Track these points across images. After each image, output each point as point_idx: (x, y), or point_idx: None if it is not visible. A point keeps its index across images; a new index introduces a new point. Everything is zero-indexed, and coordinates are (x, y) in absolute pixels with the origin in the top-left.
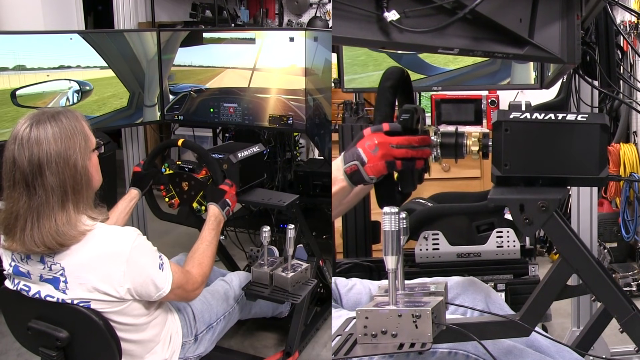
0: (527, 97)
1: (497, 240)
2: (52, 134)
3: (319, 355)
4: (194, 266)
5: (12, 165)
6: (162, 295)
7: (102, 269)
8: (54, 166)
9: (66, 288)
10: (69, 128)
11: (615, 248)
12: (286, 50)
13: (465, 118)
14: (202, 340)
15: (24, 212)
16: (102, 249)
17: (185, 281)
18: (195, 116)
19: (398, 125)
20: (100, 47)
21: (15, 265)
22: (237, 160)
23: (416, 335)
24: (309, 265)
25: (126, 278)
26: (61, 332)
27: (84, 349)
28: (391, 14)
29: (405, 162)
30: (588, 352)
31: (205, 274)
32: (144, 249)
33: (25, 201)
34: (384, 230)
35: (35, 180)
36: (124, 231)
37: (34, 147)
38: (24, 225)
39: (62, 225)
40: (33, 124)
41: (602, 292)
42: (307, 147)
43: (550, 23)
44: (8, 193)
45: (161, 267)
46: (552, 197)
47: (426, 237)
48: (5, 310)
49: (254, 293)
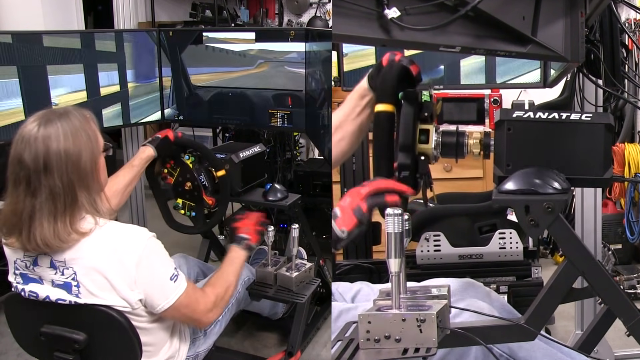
0: (531, 96)
1: (499, 241)
2: (62, 133)
3: (319, 355)
4: (207, 287)
5: (18, 163)
6: (165, 307)
7: (114, 271)
8: (61, 166)
9: (79, 293)
10: (78, 128)
11: (619, 250)
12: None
13: (467, 117)
14: (210, 334)
15: (29, 211)
16: (113, 250)
17: (195, 299)
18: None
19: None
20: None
21: (22, 272)
22: (239, 160)
23: (421, 340)
24: (313, 265)
25: (138, 284)
26: (78, 334)
27: (103, 350)
28: (392, 11)
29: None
30: (590, 354)
31: (219, 295)
32: (156, 253)
33: (30, 200)
34: (387, 233)
35: (41, 180)
36: (137, 232)
37: (40, 146)
38: (29, 224)
39: (67, 225)
40: (41, 122)
41: (608, 295)
42: (307, 147)
43: (554, 21)
44: (12, 192)
45: (174, 279)
46: (558, 198)
47: (427, 239)
48: (13, 318)
49: (258, 293)
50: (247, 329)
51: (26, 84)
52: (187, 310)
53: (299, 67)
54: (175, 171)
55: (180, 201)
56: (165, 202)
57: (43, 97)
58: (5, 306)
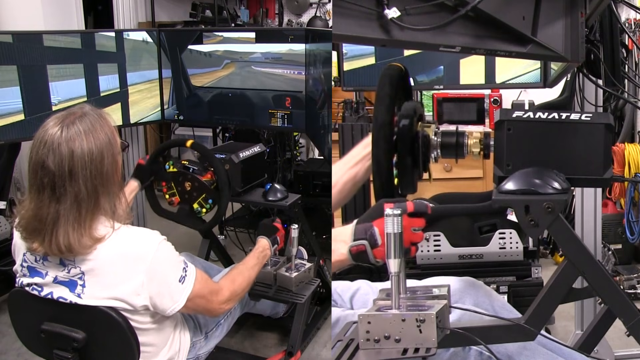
0: (531, 96)
1: (499, 241)
2: (84, 136)
3: (319, 355)
4: (226, 280)
5: (41, 169)
6: (175, 309)
7: (122, 275)
8: (86, 171)
9: (82, 292)
10: (98, 129)
11: (619, 250)
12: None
13: (467, 117)
14: (211, 338)
15: (53, 217)
16: (124, 254)
17: (209, 291)
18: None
19: (423, 205)
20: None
21: (30, 265)
22: (239, 160)
23: (420, 340)
24: (312, 265)
25: (144, 289)
26: (78, 332)
27: (102, 350)
28: (392, 11)
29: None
30: (591, 354)
31: (235, 291)
32: (167, 258)
33: (55, 206)
34: (387, 233)
35: (66, 186)
36: (148, 237)
37: (64, 151)
38: (52, 230)
39: (87, 230)
40: (63, 126)
41: (608, 295)
42: (307, 147)
43: (554, 21)
44: (35, 197)
45: (182, 280)
46: (558, 198)
47: (427, 239)
48: (16, 314)
49: (257, 293)
50: (247, 329)
51: (26, 84)
52: (200, 300)
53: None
54: (173, 188)
55: (196, 205)
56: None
57: (43, 97)
58: (8, 301)
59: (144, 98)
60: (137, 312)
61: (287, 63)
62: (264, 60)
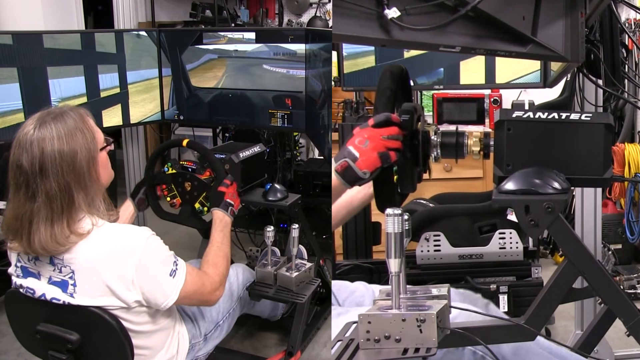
0: (531, 96)
1: (499, 241)
2: (56, 135)
3: (319, 355)
4: (209, 267)
5: (17, 168)
6: (169, 303)
7: (112, 272)
8: (56, 168)
9: (74, 292)
10: (72, 127)
11: (619, 250)
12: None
13: (467, 117)
14: (210, 339)
15: (28, 215)
16: (112, 250)
17: (202, 284)
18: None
19: (382, 116)
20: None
21: (23, 265)
22: (239, 160)
23: (421, 340)
24: (313, 265)
25: (135, 285)
26: (72, 334)
27: (96, 351)
28: (392, 11)
29: (399, 155)
30: (590, 354)
31: (222, 273)
32: (156, 252)
33: (29, 205)
34: (387, 233)
35: (38, 183)
36: (136, 232)
37: (35, 150)
38: (28, 229)
39: (65, 228)
40: (37, 126)
41: (608, 295)
42: (307, 147)
43: (554, 21)
44: (14, 196)
45: (172, 274)
46: (558, 198)
47: (427, 239)
48: (13, 314)
49: (258, 293)
50: (247, 329)
51: (26, 84)
52: (195, 295)
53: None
54: (173, 190)
55: (198, 205)
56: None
57: (43, 97)
58: (5, 302)
59: (144, 98)
60: (132, 309)
61: (287, 63)
62: (264, 60)
